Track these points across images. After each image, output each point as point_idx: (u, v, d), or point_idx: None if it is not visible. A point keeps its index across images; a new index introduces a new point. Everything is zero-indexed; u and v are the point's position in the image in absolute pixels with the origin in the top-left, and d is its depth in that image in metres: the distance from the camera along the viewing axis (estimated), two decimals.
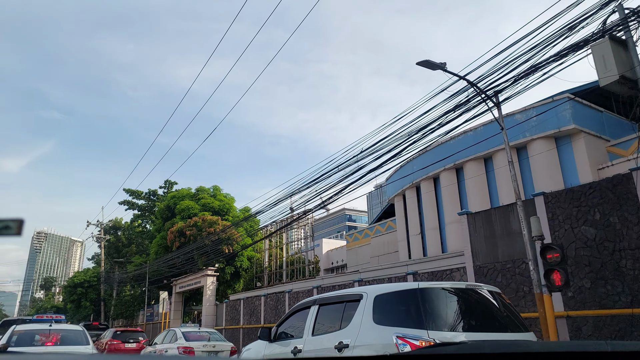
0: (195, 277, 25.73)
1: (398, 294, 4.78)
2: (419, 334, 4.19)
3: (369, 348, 4.48)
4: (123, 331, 17.76)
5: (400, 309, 4.66)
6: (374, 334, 4.55)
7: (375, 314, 4.69)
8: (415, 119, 10.59)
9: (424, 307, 4.43)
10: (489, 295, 4.86)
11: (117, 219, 49.51)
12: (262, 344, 6.32)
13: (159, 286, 33.59)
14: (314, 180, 14.30)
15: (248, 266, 27.88)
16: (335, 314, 5.29)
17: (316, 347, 5.16)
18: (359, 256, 26.73)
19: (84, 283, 41.32)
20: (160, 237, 30.04)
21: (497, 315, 4.83)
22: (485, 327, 4.60)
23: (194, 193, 31.85)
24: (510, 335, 4.55)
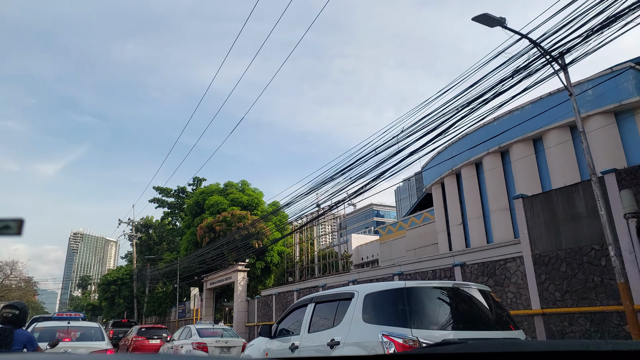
0: (226, 273, 25.21)
1: (386, 293, 4.84)
2: (404, 332, 4.27)
3: (358, 346, 4.60)
4: (147, 328, 18.23)
5: (388, 307, 4.72)
6: (362, 332, 4.66)
7: (364, 313, 4.81)
8: (465, 90, 9.44)
9: (409, 306, 4.50)
10: (478, 294, 4.89)
11: (148, 217, 49.92)
12: (264, 340, 6.57)
13: (189, 282, 33.40)
14: (348, 166, 13.30)
15: (278, 261, 27.19)
16: (329, 311, 5.43)
17: (311, 344, 5.35)
18: (393, 250, 25.58)
19: (117, 281, 41.74)
20: (190, 233, 29.74)
21: (485, 314, 4.87)
22: (472, 325, 4.64)
23: (223, 188, 31.41)
24: (498, 334, 4.55)
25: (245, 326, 22.95)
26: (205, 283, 28.35)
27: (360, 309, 4.89)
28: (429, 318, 4.55)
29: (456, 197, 18.55)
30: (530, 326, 10.30)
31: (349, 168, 13.27)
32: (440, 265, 12.88)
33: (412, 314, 4.46)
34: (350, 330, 4.83)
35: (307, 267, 22.64)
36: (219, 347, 11.73)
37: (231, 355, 11.59)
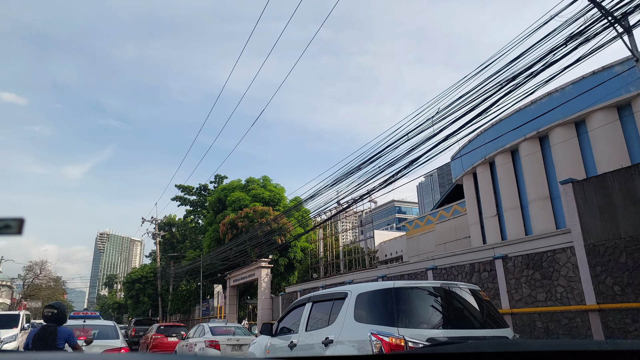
0: (249, 270, 24.73)
1: (376, 293, 4.97)
2: (391, 331, 4.40)
3: (349, 344, 4.77)
4: (166, 326, 18.70)
5: (377, 307, 4.86)
6: (353, 331, 4.82)
7: (356, 312, 4.96)
8: (511, 62, 8.53)
9: (397, 305, 4.64)
10: (467, 293, 5.02)
11: (170, 215, 50.08)
12: (266, 338, 6.77)
13: (213, 280, 33.13)
14: (377, 154, 12.49)
15: (302, 257, 26.56)
16: (324, 311, 5.62)
17: (308, 342, 5.53)
18: (421, 245, 24.61)
19: (142, 279, 41.90)
20: (213, 230, 29.41)
21: (473, 312, 4.98)
22: (460, 324, 4.78)
23: (244, 184, 30.97)
24: (486, 332, 4.69)
25: None
26: (228, 280, 27.97)
27: (353, 308, 5.06)
28: (416, 317, 4.69)
29: (490, 187, 17.50)
30: (585, 323, 9.33)
31: (378, 155, 12.46)
32: (479, 258, 11.97)
33: (400, 313, 4.62)
34: (343, 329, 5.01)
35: (331, 263, 21.92)
36: (230, 345, 11.98)
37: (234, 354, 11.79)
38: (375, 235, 36.10)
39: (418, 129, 10.63)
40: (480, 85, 9.12)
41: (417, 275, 13.81)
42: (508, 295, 10.89)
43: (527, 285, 10.55)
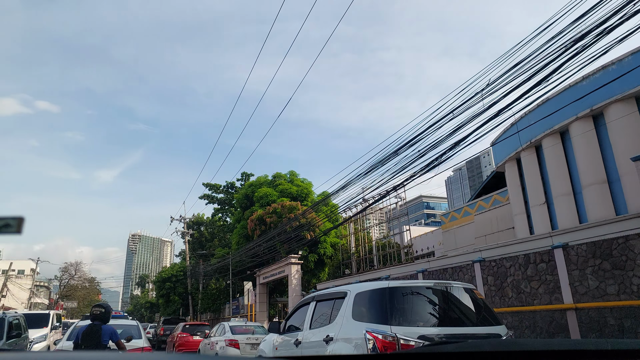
0: (279, 266, 24.04)
1: (372, 293, 5.20)
2: (384, 329, 4.66)
3: (347, 341, 5.06)
4: (191, 325, 19.32)
5: (373, 306, 5.09)
6: (351, 329, 5.09)
7: (354, 311, 5.22)
8: (580, 17, 7.37)
9: (391, 304, 4.88)
10: (460, 292, 5.26)
11: (199, 214, 50.16)
12: (275, 336, 7.11)
13: (242, 277, 32.69)
14: (417, 136, 11.46)
15: (332, 253, 25.68)
16: (327, 309, 5.87)
17: (311, 339, 5.79)
18: (459, 238, 23.33)
19: (172, 278, 41.98)
20: (241, 227, 28.90)
21: (466, 310, 5.20)
22: (452, 321, 5.05)
23: (271, 180, 30.35)
24: (479, 329, 4.92)
25: None
26: (258, 278, 27.39)
27: (351, 307, 5.29)
28: (409, 315, 4.87)
29: (537, 173, 16.15)
30: None
31: (418, 138, 11.42)
32: (534, 248, 10.79)
33: (394, 311, 4.81)
34: (342, 327, 5.25)
35: (364, 258, 20.96)
36: (249, 344, 12.19)
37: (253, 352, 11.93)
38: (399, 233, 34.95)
39: (466, 104, 9.54)
40: (540, 49, 7.98)
41: (461, 269, 12.72)
42: (571, 288, 9.70)
43: (593, 276, 9.34)
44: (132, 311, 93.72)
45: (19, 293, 48.49)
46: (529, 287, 10.70)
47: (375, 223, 24.37)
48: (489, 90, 8.96)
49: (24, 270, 60.97)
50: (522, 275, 10.87)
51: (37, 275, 64.77)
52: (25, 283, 53.28)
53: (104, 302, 6.82)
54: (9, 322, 9.88)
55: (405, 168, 11.79)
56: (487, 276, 11.83)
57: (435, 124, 10.30)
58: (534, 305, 10.44)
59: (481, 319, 5.17)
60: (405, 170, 12.84)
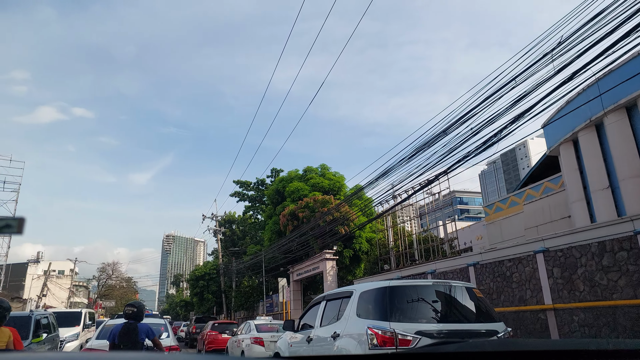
0: (313, 263, 23.13)
1: (374, 291, 5.57)
2: (384, 325, 5.00)
3: (351, 337, 5.43)
4: (220, 323, 20.16)
5: (375, 304, 5.45)
6: (355, 325, 5.46)
7: (358, 309, 5.63)
8: None
9: (391, 302, 5.23)
10: (460, 290, 5.63)
11: (230, 212, 50.05)
12: (290, 334, 7.52)
13: (275, 274, 32.01)
14: (470, 111, 10.22)
15: (368, 249, 24.57)
16: (335, 307, 6.29)
17: (321, 336, 6.22)
18: (505, 230, 21.74)
19: (205, 276, 41.86)
20: (273, 223, 28.19)
21: (463, 308, 5.54)
22: (450, 318, 5.40)
23: (302, 174, 29.51)
24: (476, 326, 5.29)
25: None
26: (291, 274, 26.58)
27: (356, 305, 5.66)
28: (408, 312, 5.24)
29: (598, 155, 14.53)
30: None
31: (468, 116, 10.18)
32: (611, 234, 9.38)
33: (393, 309, 5.19)
34: (347, 324, 5.62)
35: (403, 253, 19.75)
36: (274, 342, 12.26)
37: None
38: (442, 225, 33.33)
39: (530, 70, 8.26)
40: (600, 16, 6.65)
41: (520, 261, 11.39)
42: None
43: None
44: (168, 310, 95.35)
45: (59, 293, 49.70)
46: (605, 279, 9.31)
47: (414, 214, 23.02)
48: (562, 49, 7.67)
49: (64, 271, 62.66)
50: (597, 265, 9.48)
51: (76, 276, 66.59)
52: (64, 283, 54.65)
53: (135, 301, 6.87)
54: (36, 321, 9.31)
55: (457, 149, 10.55)
56: (552, 268, 10.47)
57: (492, 96, 9.04)
58: (614, 300, 9.05)
59: (479, 316, 5.47)
60: (456, 151, 11.60)
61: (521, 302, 11.22)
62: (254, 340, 12.36)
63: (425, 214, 21.99)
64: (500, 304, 11.79)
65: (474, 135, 9.95)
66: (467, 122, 10.08)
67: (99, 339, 9.10)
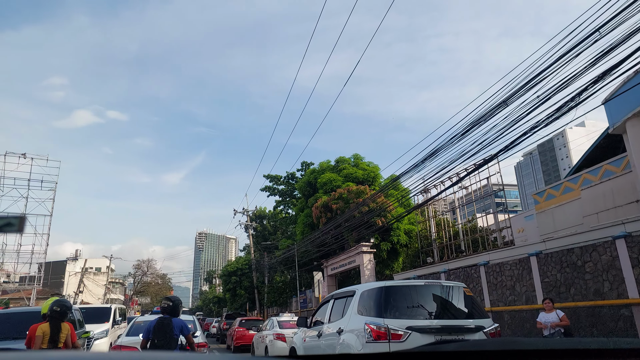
0: (348, 256, 21.98)
1: (372, 291, 6.24)
2: (378, 321, 5.65)
3: (352, 332, 6.09)
4: (247, 320, 20.61)
5: (372, 302, 6.09)
6: (356, 322, 6.11)
7: (359, 307, 6.31)
8: None
9: (386, 301, 5.88)
10: (450, 290, 6.25)
11: (261, 208, 49.51)
12: (304, 330, 8.37)
13: (308, 269, 31.05)
14: (528, 83, 8.79)
15: (406, 241, 23.19)
16: (340, 306, 6.98)
17: (329, 331, 6.90)
18: (559, 218, 19.89)
19: (237, 271, 41.42)
20: (305, 215, 27.18)
21: (453, 305, 6.12)
22: (438, 315, 5.90)
23: (334, 165, 28.34)
24: (465, 322, 5.92)
25: None
26: (325, 269, 25.54)
27: (357, 303, 6.40)
28: (400, 310, 5.84)
29: None
30: None
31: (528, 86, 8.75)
32: None
33: (388, 306, 5.82)
34: (350, 320, 6.36)
35: (447, 244, 18.32)
36: None
37: None
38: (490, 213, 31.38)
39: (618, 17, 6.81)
40: None
41: (595, 248, 9.88)
42: None
43: None
44: (202, 306, 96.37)
45: (95, 289, 50.56)
46: None
47: (454, 205, 21.42)
48: None
49: (101, 268, 63.98)
50: None
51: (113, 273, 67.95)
52: (101, 280, 55.65)
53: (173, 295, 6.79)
54: None
55: (522, 119, 9.12)
56: (638, 255, 8.95)
57: (569, 53, 7.60)
58: None
59: (467, 313, 6.02)
60: (511, 129, 10.18)
61: (597, 296, 9.73)
62: (276, 336, 12.80)
63: (463, 204, 20.45)
64: (570, 297, 10.32)
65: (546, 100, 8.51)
66: (532, 89, 8.65)
67: (130, 336, 9.21)
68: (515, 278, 12.01)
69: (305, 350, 7.71)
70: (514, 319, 11.96)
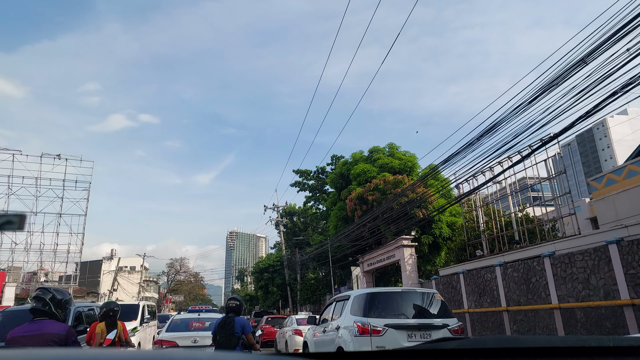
0: (387, 250, 20.61)
1: (361, 296, 8.03)
2: (363, 320, 7.39)
3: (346, 328, 7.80)
4: (272, 318, 22.32)
5: (360, 304, 7.83)
6: (348, 320, 7.87)
7: (351, 308, 8.04)
8: None
9: (370, 304, 7.67)
10: (422, 295, 8.13)
11: (290, 204, 48.66)
12: (314, 326, 10.20)
13: (341, 266, 29.81)
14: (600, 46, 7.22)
15: (449, 234, 21.61)
16: (340, 307, 8.78)
17: (331, 328, 8.64)
18: (621, 205, 17.89)
19: (269, 268, 40.65)
20: (338, 209, 25.93)
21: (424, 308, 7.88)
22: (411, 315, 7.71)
23: (368, 155, 26.96)
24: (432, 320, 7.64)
25: None
26: (361, 265, 24.23)
27: (350, 305, 8.14)
28: (381, 311, 7.57)
29: None
30: None
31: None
32: None
33: (371, 308, 7.59)
34: (345, 319, 8.05)
35: (498, 236, 16.68)
36: None
37: None
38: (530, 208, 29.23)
39: None
40: None
41: None
42: None
43: None
44: None
45: (129, 287, 51.02)
46: None
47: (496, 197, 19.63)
48: None
49: (135, 267, 64.79)
50: None
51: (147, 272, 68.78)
52: (135, 278, 56.22)
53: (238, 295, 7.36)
54: (76, 314, 7.70)
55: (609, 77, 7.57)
56: None
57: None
58: None
59: (436, 314, 7.81)
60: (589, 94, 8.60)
61: None
62: (294, 331, 14.25)
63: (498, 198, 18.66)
64: None
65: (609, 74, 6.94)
66: None
67: (169, 332, 9.93)
68: (590, 270, 10.40)
69: (315, 344, 9.60)
70: (589, 316, 10.36)
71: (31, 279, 43.24)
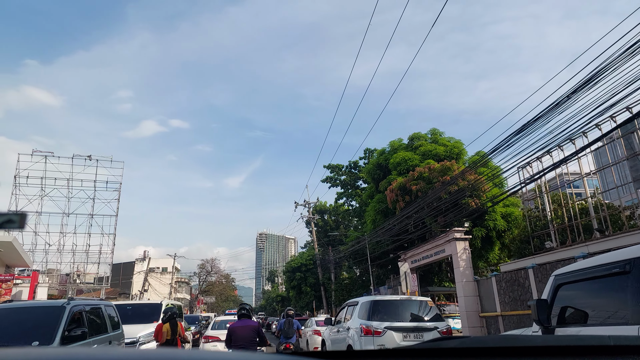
0: (436, 245, 18.44)
1: (366, 302, 9.83)
2: (368, 323, 9.15)
3: (354, 329, 9.51)
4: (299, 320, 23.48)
5: (366, 309, 9.62)
6: (356, 322, 9.54)
7: (359, 312, 9.76)
8: None
9: (373, 309, 9.51)
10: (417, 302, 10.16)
11: (321, 202, 46.86)
12: (330, 327, 11.93)
13: (379, 264, 27.70)
14: None
15: (504, 227, 19.25)
16: (350, 311, 10.50)
17: (343, 328, 10.30)
18: None
19: (301, 267, 38.93)
20: (376, 201, 23.91)
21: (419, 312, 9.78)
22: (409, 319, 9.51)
23: (408, 143, 24.84)
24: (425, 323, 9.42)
25: (478, 317, 15.78)
26: (405, 262, 22.11)
27: (358, 310, 9.87)
28: (382, 315, 9.37)
29: None
30: None
31: None
32: None
33: (375, 313, 9.42)
34: (353, 321, 9.74)
35: (570, 225, 14.30)
36: None
37: None
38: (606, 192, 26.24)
39: None
40: None
41: None
42: None
43: None
44: (265, 306, 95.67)
45: (160, 288, 50.44)
46: None
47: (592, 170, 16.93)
48: None
49: (167, 268, 64.55)
50: None
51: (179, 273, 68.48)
52: (167, 279, 55.74)
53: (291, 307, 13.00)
54: (73, 315, 6.03)
55: None
56: None
57: None
58: None
59: (428, 318, 9.60)
60: None
61: None
62: (314, 331, 15.91)
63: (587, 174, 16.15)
64: None
65: None
66: None
67: (214, 330, 13.73)
68: None
69: (331, 342, 11.21)
70: None
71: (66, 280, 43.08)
